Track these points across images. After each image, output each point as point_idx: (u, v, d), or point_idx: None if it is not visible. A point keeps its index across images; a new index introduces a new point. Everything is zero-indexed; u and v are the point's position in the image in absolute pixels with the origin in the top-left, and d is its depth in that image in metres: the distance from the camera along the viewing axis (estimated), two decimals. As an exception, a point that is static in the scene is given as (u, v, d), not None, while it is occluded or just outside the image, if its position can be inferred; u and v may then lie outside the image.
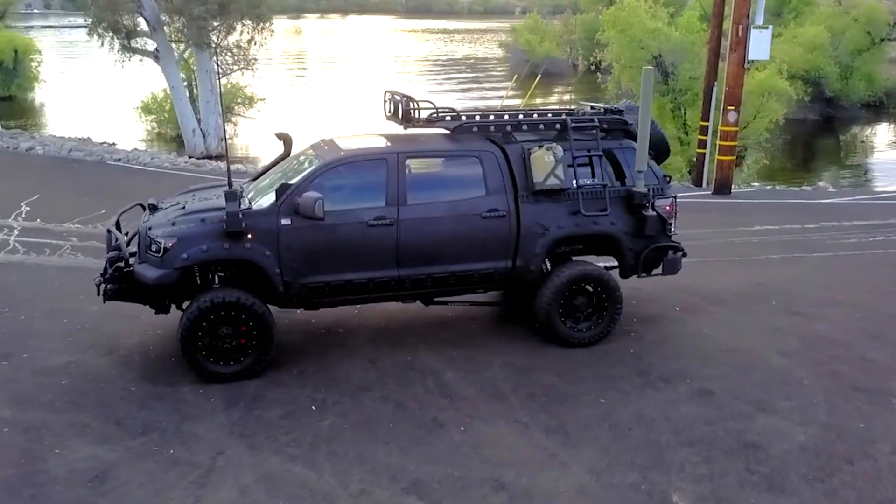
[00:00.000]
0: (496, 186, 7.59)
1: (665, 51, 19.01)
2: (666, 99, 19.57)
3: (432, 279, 7.50)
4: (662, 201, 7.99)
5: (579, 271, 7.73)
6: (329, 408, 6.68)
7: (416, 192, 7.45)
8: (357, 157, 7.47)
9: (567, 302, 7.77)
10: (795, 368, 7.52)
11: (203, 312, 6.89)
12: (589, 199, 7.77)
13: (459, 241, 7.45)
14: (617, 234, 7.84)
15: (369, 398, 6.85)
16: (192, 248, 6.90)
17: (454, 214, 7.45)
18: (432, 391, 6.99)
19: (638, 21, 18.79)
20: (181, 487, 5.55)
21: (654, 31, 18.77)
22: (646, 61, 19.17)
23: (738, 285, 9.89)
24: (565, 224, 7.69)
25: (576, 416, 6.59)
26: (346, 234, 7.19)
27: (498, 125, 7.91)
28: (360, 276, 7.30)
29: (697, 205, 15.41)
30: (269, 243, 7.03)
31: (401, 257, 7.34)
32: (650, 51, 19.01)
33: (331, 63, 57.89)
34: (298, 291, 7.22)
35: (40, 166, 18.11)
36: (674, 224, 8.10)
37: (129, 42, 22.99)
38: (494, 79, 48.56)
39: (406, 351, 7.77)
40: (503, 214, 7.54)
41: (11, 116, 31.99)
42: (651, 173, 8.02)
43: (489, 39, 76.98)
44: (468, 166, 7.63)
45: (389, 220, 7.26)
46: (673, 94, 19.36)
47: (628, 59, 19.46)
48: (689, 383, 7.17)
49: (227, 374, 7.04)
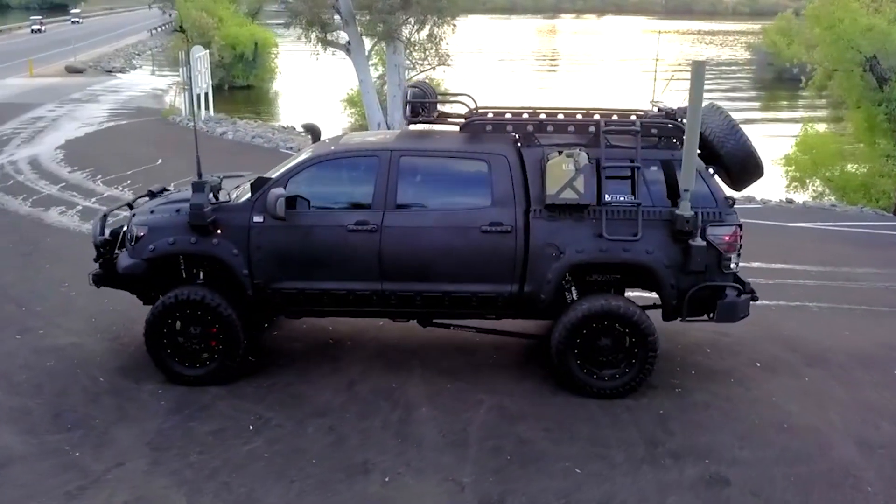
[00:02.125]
0: (503, 196, 6.44)
1: (882, 52, 15.95)
2: (879, 109, 16.46)
3: (422, 298, 6.52)
4: (719, 230, 6.35)
5: (600, 307, 6.35)
6: (265, 431, 6.02)
7: (408, 197, 6.53)
8: (345, 153, 6.70)
9: (586, 343, 6.43)
10: (866, 467, 5.63)
11: (167, 309, 6.50)
12: (616, 219, 6.36)
13: (454, 257, 6.42)
14: (654, 265, 6.36)
15: (316, 426, 6.09)
16: (160, 239, 6.54)
17: (449, 225, 6.43)
18: (388, 428, 6.07)
19: (849, 16, 15.93)
20: (52, 496, 5.20)
21: (868, 29, 15.80)
22: (856, 64, 16.28)
23: (861, 345, 7.79)
24: (587, 247, 6.35)
25: (528, 486, 5.35)
26: (322, 239, 6.45)
27: (517, 124, 6.72)
28: (338, 286, 6.52)
29: (885, 239, 12.72)
30: (239, 241, 6.48)
31: (385, 269, 6.46)
32: (862, 52, 16.03)
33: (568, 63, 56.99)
34: (270, 296, 6.59)
35: (216, 148, 19.12)
36: (735, 258, 6.41)
37: (324, 35, 23.81)
38: (726, 84, 44.91)
39: (397, 376, 6.90)
40: (507, 230, 6.38)
41: (246, 104, 34.81)
42: (707, 194, 6.40)
43: (743, 42, 71.64)
44: (474, 170, 6.55)
45: (372, 227, 6.40)
46: (887, 104, 16.21)
47: (834, 60, 16.60)
48: (704, 465, 5.60)
49: (190, 377, 6.61)
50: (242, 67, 38.20)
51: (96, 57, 46.11)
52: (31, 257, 10.11)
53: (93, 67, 41.40)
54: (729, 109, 7.29)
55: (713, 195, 6.45)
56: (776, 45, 46.72)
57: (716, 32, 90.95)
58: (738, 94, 41.16)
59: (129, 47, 55.06)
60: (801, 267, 10.32)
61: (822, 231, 12.83)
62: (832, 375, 7.09)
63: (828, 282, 9.82)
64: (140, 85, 35.36)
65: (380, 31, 22.41)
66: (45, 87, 31.36)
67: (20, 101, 26.96)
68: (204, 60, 24.95)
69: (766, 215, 13.63)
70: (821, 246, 11.74)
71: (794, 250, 11.25)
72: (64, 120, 23.20)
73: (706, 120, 6.89)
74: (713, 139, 6.84)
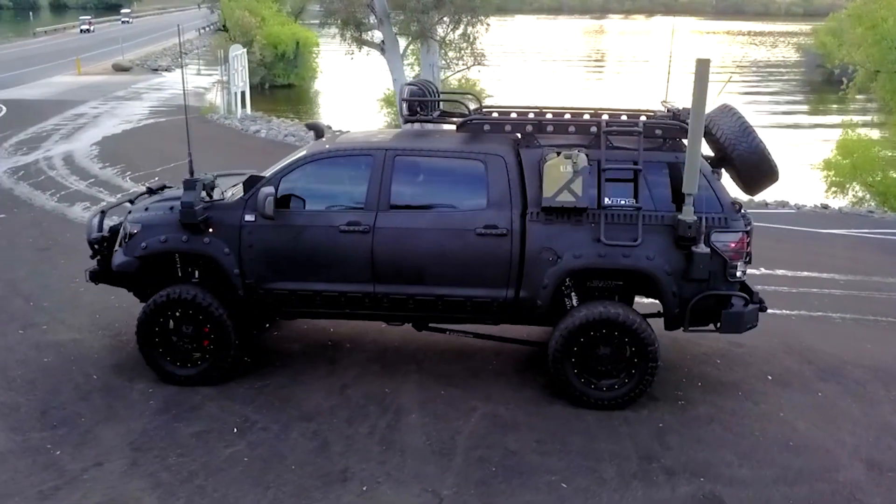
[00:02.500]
0: (499, 198, 6.24)
1: (928, 53, 15.33)
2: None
3: (415, 301, 6.36)
4: (725, 236, 6.06)
5: (598, 314, 6.11)
6: (249, 433, 5.92)
7: (403, 197, 6.37)
8: (339, 151, 6.57)
9: (584, 351, 6.20)
10: (873, 491, 5.31)
11: (159, 307, 6.45)
12: (616, 223, 6.12)
13: (448, 260, 6.24)
14: (655, 271, 6.10)
15: (300, 430, 5.97)
16: (152, 237, 6.49)
17: (443, 228, 6.25)
18: (374, 435, 5.91)
19: (893, 15, 15.30)
20: (24, 495, 5.15)
21: (915, 28, 15.18)
22: (900, 64, 15.66)
23: (882, 359, 7.40)
24: (585, 253, 6.12)
25: (510, 500, 5.15)
26: (314, 239, 6.33)
27: (515, 124, 6.51)
28: (330, 287, 6.39)
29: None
30: (231, 240, 6.39)
31: (377, 272, 6.31)
32: (907, 52, 15.44)
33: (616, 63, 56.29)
34: (262, 297, 6.49)
35: (247, 146, 19.18)
36: (742, 266, 6.11)
37: (359, 34, 23.78)
38: (774, 86, 43.84)
39: (392, 380, 6.75)
40: (503, 233, 6.18)
41: (285, 103, 35.03)
42: (713, 199, 6.11)
43: (794, 43, 69.94)
44: (470, 171, 6.36)
45: (364, 227, 6.26)
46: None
47: (877, 61, 15.97)
48: (699, 483, 5.34)
49: (182, 377, 6.54)
50: (283, 66, 38.49)
51: (143, 55, 46.95)
52: (48, 252, 10.20)
53: (139, 66, 42.16)
54: (772, 112, 7.00)
55: (719, 200, 6.16)
56: (825, 46, 45.38)
57: (767, 33, 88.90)
58: (784, 96, 40.14)
59: (176, 46, 55.85)
60: (828, 275, 9.89)
61: (855, 238, 12.32)
62: (847, 391, 6.74)
63: (855, 291, 9.39)
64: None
65: (414, 30, 22.32)
66: (90, 85, 31.99)
67: (65, 98, 27.54)
68: (241, 59, 25.13)
69: (798, 221, 13.16)
70: (852, 254, 11.26)
71: (823, 258, 10.80)
72: (105, 117, 23.59)
73: (717, 121, 6.61)
74: (724, 141, 6.55)
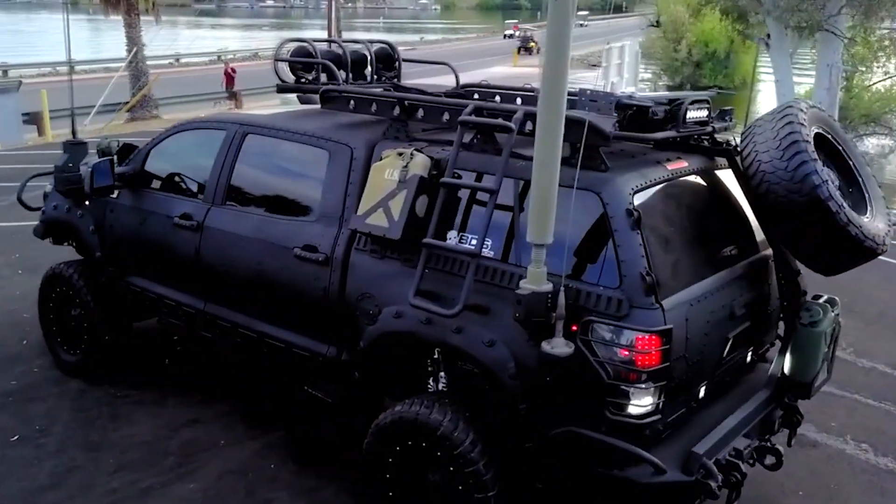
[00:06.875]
0: (331, 208, 4.29)
1: None
2: None
3: (242, 337, 4.70)
4: (612, 333, 3.22)
5: (413, 415, 3.75)
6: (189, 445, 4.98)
7: (241, 190, 4.82)
8: (197, 123, 5.28)
9: (404, 461, 3.90)
10: None
11: (45, 283, 5.88)
12: (446, 272, 3.68)
13: (265, 284, 4.52)
14: (494, 367, 3.53)
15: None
16: (50, 203, 5.94)
17: (263, 239, 4.54)
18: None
19: None
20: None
21: None
22: None
23: None
24: (406, 312, 3.81)
25: None
26: (154, 230, 5.16)
27: (381, 101, 4.31)
28: (170, 294, 5.12)
29: None
30: (98, 217, 5.53)
31: (205, 284, 4.85)
32: None
33: None
34: (123, 291, 5.44)
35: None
36: (645, 394, 3.20)
37: (743, 27, 20.48)
38: None
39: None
40: (321, 259, 4.19)
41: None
42: (611, 260, 3.29)
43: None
44: (313, 165, 4.48)
45: (194, 223, 4.84)
46: None
47: None
48: None
49: (69, 365, 5.84)
50: (711, 66, 35.26)
51: (586, 54, 47.68)
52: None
53: (579, 61, 42.88)
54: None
55: (619, 263, 3.27)
56: None
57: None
58: None
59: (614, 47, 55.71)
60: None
61: None
62: None
63: None
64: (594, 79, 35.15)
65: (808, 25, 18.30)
66: (516, 76, 33.23)
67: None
68: (623, 52, 23.52)
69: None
70: None
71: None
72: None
73: (756, 130, 3.65)
74: (752, 168, 3.57)
